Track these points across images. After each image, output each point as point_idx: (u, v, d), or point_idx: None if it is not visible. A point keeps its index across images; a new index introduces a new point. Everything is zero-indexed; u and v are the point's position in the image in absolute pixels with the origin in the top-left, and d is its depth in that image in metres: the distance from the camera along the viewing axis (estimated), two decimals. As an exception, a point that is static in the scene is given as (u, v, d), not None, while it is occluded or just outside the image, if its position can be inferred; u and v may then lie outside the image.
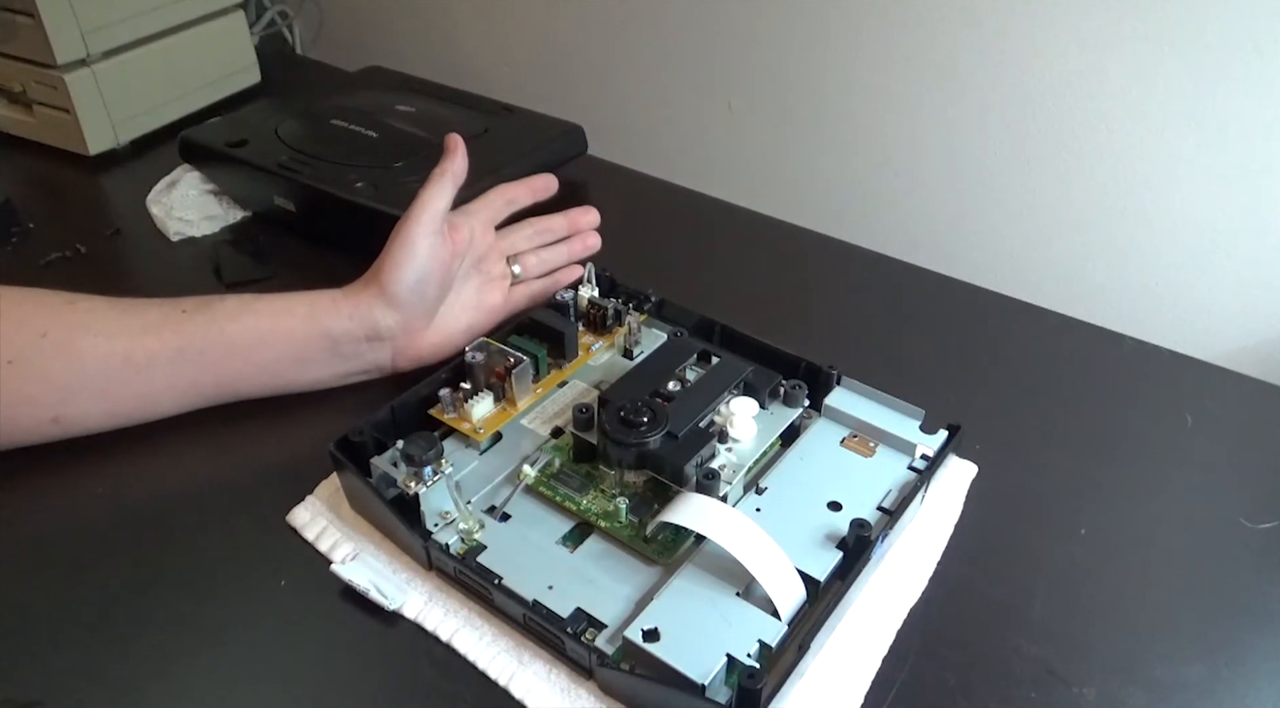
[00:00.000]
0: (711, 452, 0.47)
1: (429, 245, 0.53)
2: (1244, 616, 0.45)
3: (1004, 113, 0.85)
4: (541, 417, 0.52)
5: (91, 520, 0.48)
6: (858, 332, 0.64)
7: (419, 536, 0.44)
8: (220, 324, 0.51)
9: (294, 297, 0.53)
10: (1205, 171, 0.79)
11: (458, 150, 0.56)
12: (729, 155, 1.03)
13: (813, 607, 0.42)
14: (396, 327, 0.53)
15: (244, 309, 0.52)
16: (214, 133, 0.75)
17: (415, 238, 0.53)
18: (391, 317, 0.53)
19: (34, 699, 0.40)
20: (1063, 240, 0.89)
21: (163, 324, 0.50)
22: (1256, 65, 0.73)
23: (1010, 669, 0.42)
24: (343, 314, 0.52)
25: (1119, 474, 0.53)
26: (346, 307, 0.53)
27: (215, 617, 0.44)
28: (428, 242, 0.53)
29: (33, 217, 0.74)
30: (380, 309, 0.53)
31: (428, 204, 0.53)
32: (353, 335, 0.53)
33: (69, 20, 0.78)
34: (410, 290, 0.53)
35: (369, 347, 0.54)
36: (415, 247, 0.53)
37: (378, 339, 0.53)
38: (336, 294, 0.53)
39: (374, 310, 0.53)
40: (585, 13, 1.03)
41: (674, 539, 0.45)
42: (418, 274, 0.53)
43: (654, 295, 0.58)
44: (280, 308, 0.52)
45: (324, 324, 0.52)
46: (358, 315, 0.53)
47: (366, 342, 0.53)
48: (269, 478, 0.50)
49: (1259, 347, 0.84)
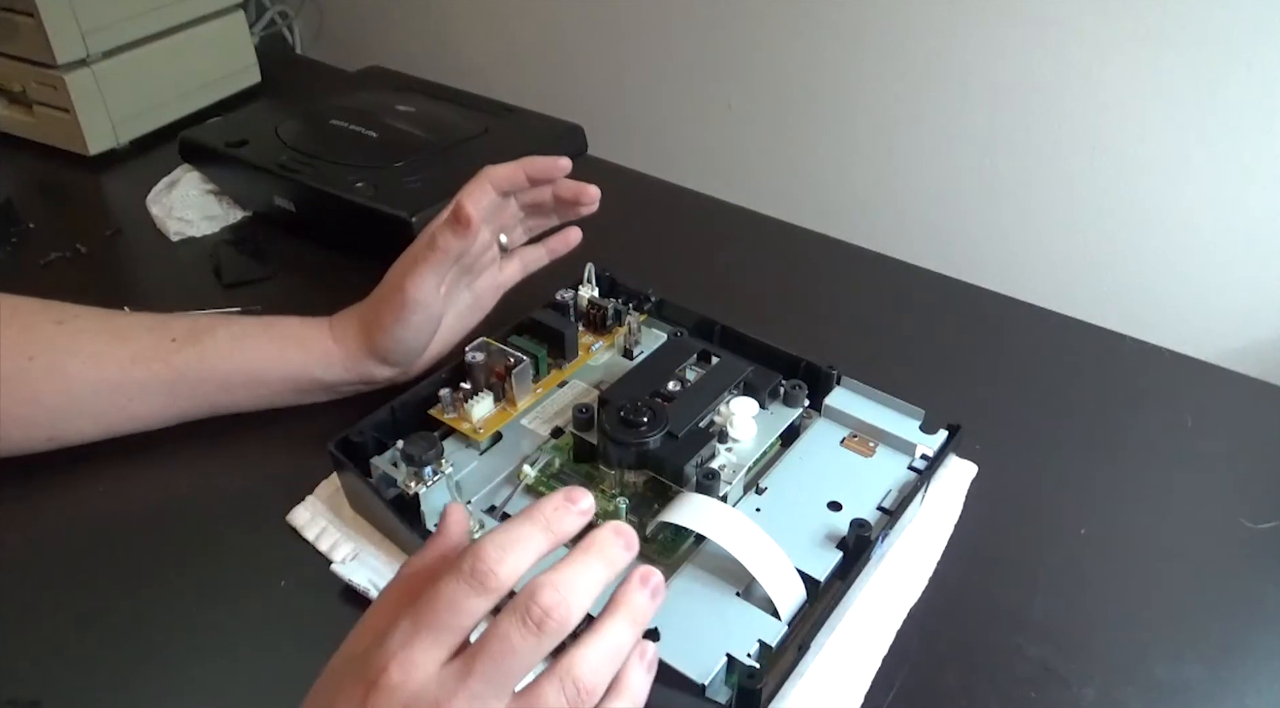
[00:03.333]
0: (711, 452, 0.47)
1: (422, 317, 0.51)
2: (1244, 616, 0.45)
3: (1004, 113, 0.85)
4: (541, 417, 0.52)
5: (91, 521, 0.48)
6: (858, 332, 0.64)
7: (419, 535, 0.44)
8: (212, 362, 0.50)
9: (286, 337, 0.52)
10: (1205, 172, 0.79)
11: (472, 228, 0.48)
12: (729, 155, 1.03)
13: (813, 607, 0.42)
14: (394, 375, 0.53)
15: (235, 348, 0.51)
16: (214, 133, 0.75)
17: (408, 315, 0.50)
18: (387, 371, 0.53)
19: (34, 699, 0.40)
20: (1063, 240, 0.89)
21: (152, 356, 0.49)
22: (1257, 65, 0.73)
23: (1010, 669, 0.42)
24: (336, 366, 0.52)
25: (1119, 474, 0.53)
26: (339, 359, 0.52)
27: (215, 617, 0.44)
28: (420, 316, 0.50)
29: (33, 217, 0.74)
30: (373, 366, 0.52)
31: (422, 280, 0.49)
32: (347, 382, 0.53)
33: (69, 20, 0.78)
34: (406, 348, 0.52)
35: (365, 387, 0.54)
36: (409, 323, 0.50)
37: (373, 383, 0.54)
38: (329, 343, 0.52)
39: (367, 366, 0.52)
40: (586, 13, 1.03)
41: (674, 539, 0.45)
42: (412, 343, 0.52)
43: (654, 295, 0.58)
44: (272, 352, 0.51)
45: (316, 374, 0.52)
46: (352, 369, 0.52)
47: (362, 383, 0.53)
48: (269, 478, 0.50)
49: (1259, 347, 0.84)
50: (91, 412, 0.49)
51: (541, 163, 0.55)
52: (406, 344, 0.52)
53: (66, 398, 0.48)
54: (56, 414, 0.49)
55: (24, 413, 0.48)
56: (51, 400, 0.48)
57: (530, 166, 0.54)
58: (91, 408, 0.49)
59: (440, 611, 0.29)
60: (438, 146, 0.74)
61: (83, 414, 0.49)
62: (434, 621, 0.29)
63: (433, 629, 0.29)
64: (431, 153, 0.73)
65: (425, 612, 0.30)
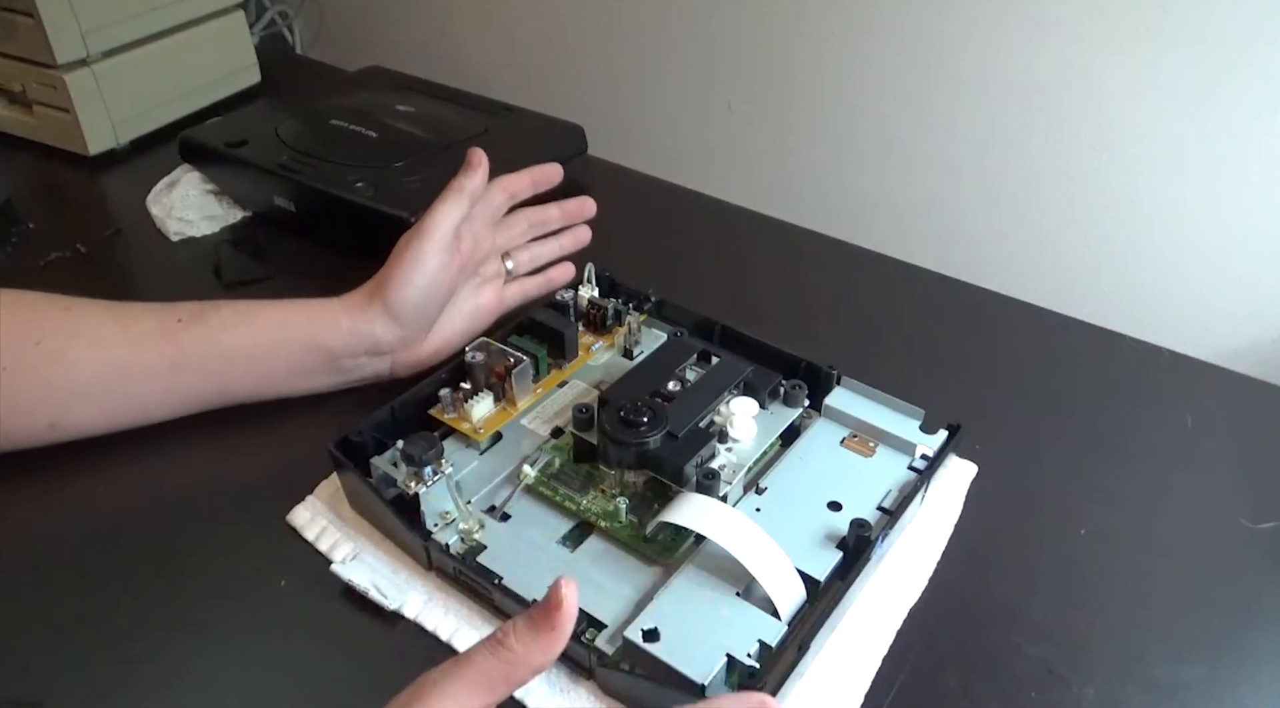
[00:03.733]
0: (711, 452, 0.47)
1: (438, 262, 0.52)
2: (1244, 616, 0.45)
3: (1004, 112, 0.85)
4: (541, 417, 0.52)
5: (91, 520, 0.48)
6: (858, 332, 0.64)
7: (419, 535, 0.44)
8: (216, 336, 0.50)
9: (292, 308, 0.52)
10: (1205, 171, 0.79)
11: (480, 167, 0.54)
12: (729, 155, 1.03)
13: (813, 607, 0.42)
14: (397, 342, 0.53)
15: (240, 320, 0.51)
16: (214, 133, 0.75)
17: (425, 254, 0.52)
18: (393, 332, 0.52)
19: (34, 699, 0.40)
20: (1063, 240, 0.89)
21: (158, 334, 0.50)
22: (1257, 65, 0.73)
23: (1010, 669, 0.42)
24: (342, 330, 0.52)
25: (1119, 474, 0.53)
26: (346, 322, 0.52)
27: (215, 617, 0.44)
28: (437, 259, 0.52)
29: (33, 217, 0.74)
30: (382, 325, 0.52)
31: (441, 219, 0.52)
32: (351, 351, 0.52)
33: (69, 20, 0.78)
34: (415, 307, 0.52)
35: (368, 360, 0.53)
36: (425, 263, 0.52)
37: (377, 353, 0.53)
38: (336, 308, 0.52)
39: (375, 326, 0.52)
40: (585, 13, 1.03)
41: (674, 539, 0.45)
42: (425, 291, 0.52)
43: (654, 295, 0.58)
44: (277, 320, 0.52)
45: (322, 339, 0.52)
46: (358, 332, 0.52)
47: (366, 356, 0.53)
48: (269, 478, 0.50)
49: (1259, 347, 0.84)
50: (95, 396, 0.49)
51: (542, 169, 0.62)
52: (419, 291, 0.52)
53: (71, 382, 0.48)
54: (61, 399, 0.48)
55: (29, 398, 0.48)
56: (58, 385, 0.48)
57: (535, 172, 0.61)
58: (96, 392, 0.49)
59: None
60: (438, 146, 0.74)
61: (86, 399, 0.49)
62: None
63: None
64: (431, 153, 0.73)
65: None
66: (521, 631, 0.32)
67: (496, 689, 0.32)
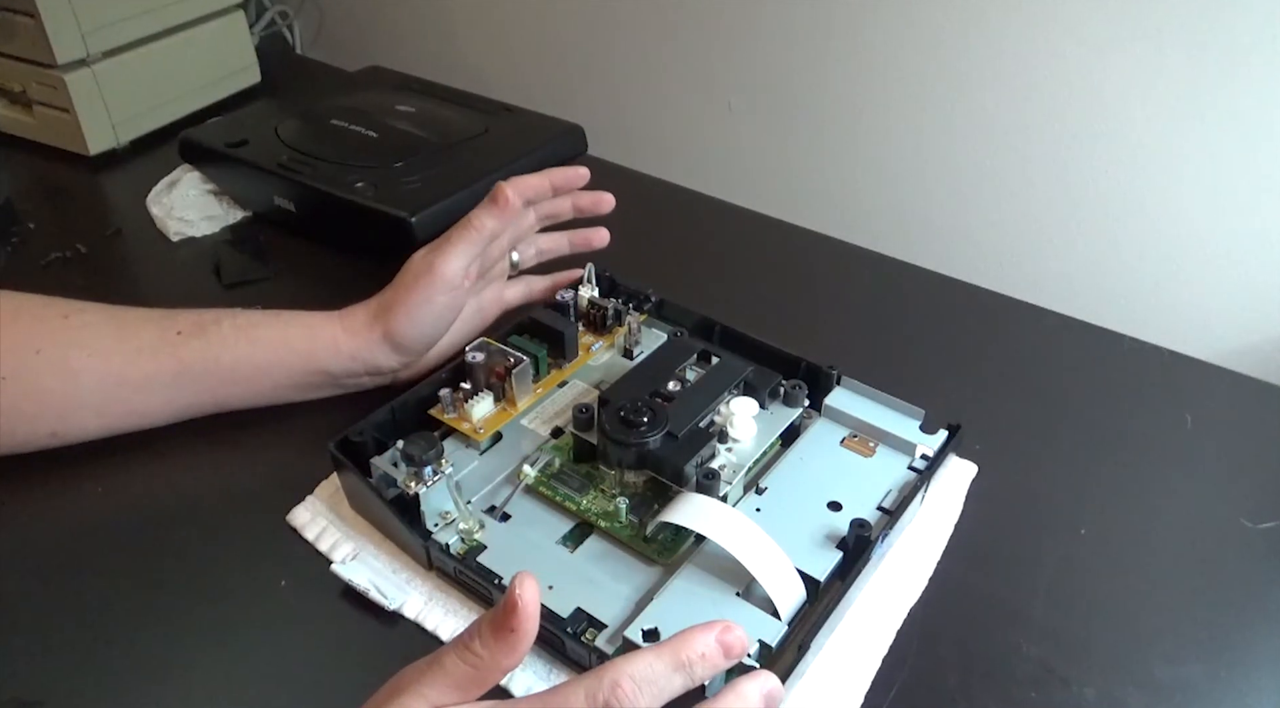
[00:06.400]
0: (711, 452, 0.47)
1: (446, 301, 0.51)
2: (1244, 616, 0.45)
3: (1004, 113, 0.85)
4: (541, 417, 0.52)
5: (91, 521, 0.48)
6: (858, 332, 0.64)
7: (419, 535, 0.44)
8: (216, 353, 0.50)
9: (292, 325, 0.52)
10: (1205, 172, 0.79)
11: (508, 208, 0.51)
12: (729, 155, 1.03)
13: (813, 607, 0.42)
14: (399, 366, 0.53)
15: (240, 338, 0.50)
16: (214, 133, 0.75)
17: (434, 296, 0.50)
18: (395, 359, 0.52)
19: (34, 699, 0.40)
20: (1063, 240, 0.89)
21: (158, 347, 0.49)
22: (1257, 65, 0.73)
23: (1010, 669, 0.42)
24: (343, 355, 0.51)
25: (1119, 474, 0.53)
26: (347, 346, 0.51)
27: (215, 617, 0.44)
28: (445, 298, 0.51)
29: (33, 217, 0.74)
30: (384, 354, 0.52)
31: (454, 261, 0.50)
32: (352, 373, 0.52)
33: (69, 20, 0.78)
34: (419, 341, 0.52)
35: (369, 378, 0.54)
36: (433, 303, 0.51)
37: (377, 374, 0.53)
38: (337, 329, 0.52)
39: (376, 353, 0.52)
40: (585, 13, 1.03)
41: (674, 539, 0.45)
42: (430, 328, 0.52)
43: (654, 295, 0.58)
44: (277, 340, 0.51)
45: (322, 362, 0.51)
46: (359, 358, 0.52)
47: (366, 376, 0.53)
48: (269, 478, 0.50)
49: (1259, 347, 0.84)
50: (96, 405, 0.49)
51: (564, 172, 0.57)
52: (425, 328, 0.51)
53: (72, 391, 0.48)
54: (61, 408, 0.48)
55: (29, 407, 0.48)
56: (57, 395, 0.48)
57: (555, 176, 0.56)
58: (96, 402, 0.49)
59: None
60: (438, 147, 0.74)
61: (86, 408, 0.49)
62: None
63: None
64: (431, 153, 0.73)
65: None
66: (485, 634, 0.32)
67: (467, 690, 0.32)
